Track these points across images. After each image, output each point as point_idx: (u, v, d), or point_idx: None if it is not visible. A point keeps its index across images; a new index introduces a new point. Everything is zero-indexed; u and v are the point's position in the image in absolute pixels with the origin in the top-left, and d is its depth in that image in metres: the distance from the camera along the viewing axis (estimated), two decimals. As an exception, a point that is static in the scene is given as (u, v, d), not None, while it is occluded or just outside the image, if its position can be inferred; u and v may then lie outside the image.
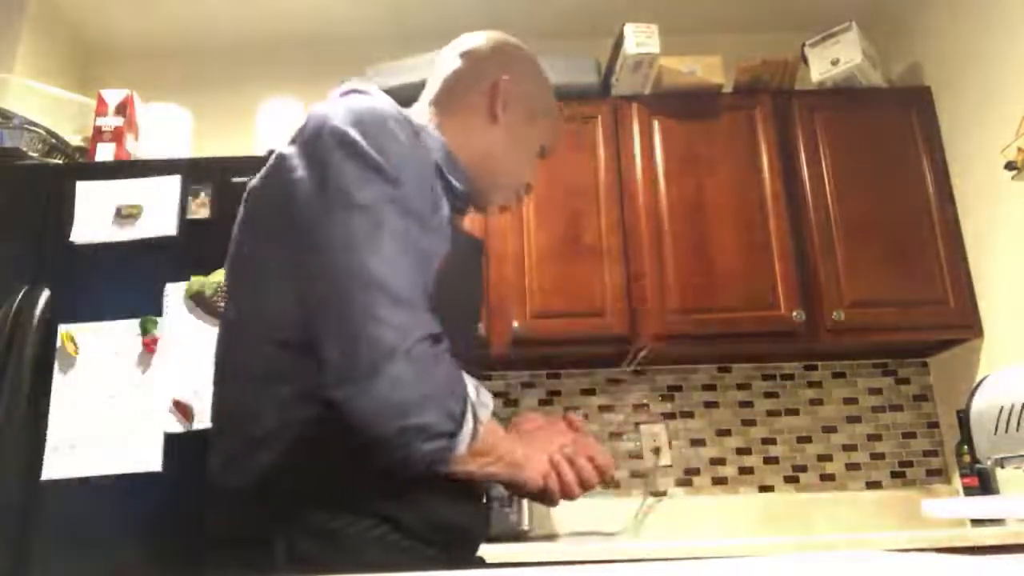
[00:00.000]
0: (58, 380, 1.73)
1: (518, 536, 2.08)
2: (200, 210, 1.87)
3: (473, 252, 1.04)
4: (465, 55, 1.07)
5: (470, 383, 0.83)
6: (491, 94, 1.04)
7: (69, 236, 1.83)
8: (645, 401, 2.50)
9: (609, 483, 1.02)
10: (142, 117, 2.26)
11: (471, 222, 2.18)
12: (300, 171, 0.85)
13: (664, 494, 2.41)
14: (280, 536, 0.79)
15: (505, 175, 1.07)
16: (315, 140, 0.85)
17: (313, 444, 0.81)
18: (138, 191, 1.88)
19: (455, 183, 0.97)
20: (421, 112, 1.04)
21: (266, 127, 2.27)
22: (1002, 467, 1.30)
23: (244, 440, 0.85)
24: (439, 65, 1.08)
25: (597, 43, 2.53)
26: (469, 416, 0.81)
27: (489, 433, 0.85)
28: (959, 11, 2.36)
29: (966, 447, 2.08)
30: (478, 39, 1.09)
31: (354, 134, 0.83)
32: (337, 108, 0.87)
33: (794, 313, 2.20)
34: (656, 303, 2.22)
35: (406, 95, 1.09)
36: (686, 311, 2.22)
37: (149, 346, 1.75)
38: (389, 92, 0.98)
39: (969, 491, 2.13)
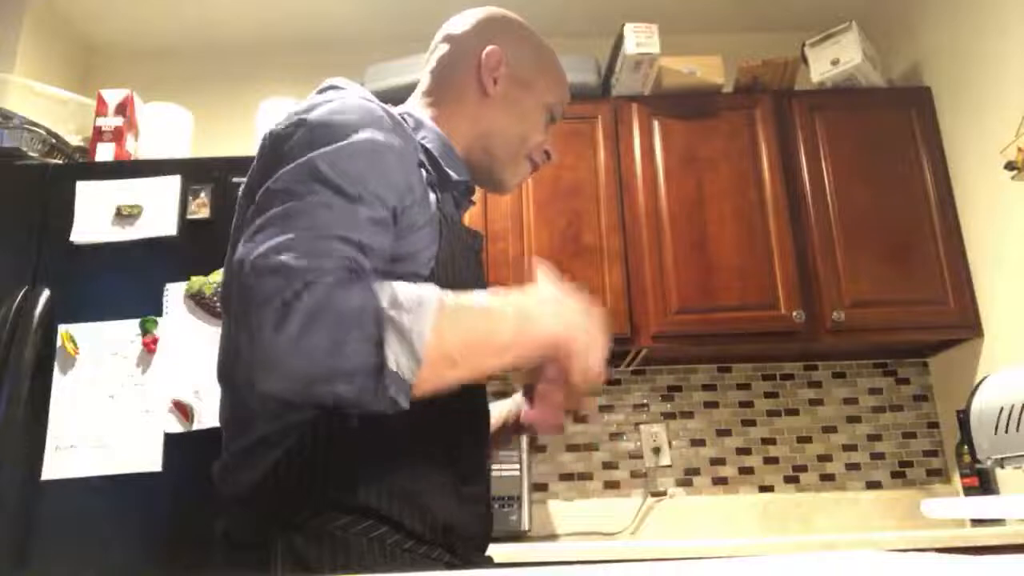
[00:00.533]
0: (58, 380, 1.73)
1: (518, 536, 2.08)
2: (200, 210, 1.87)
3: (473, 245, 1.02)
4: (448, 38, 1.05)
5: (384, 293, 0.70)
6: (478, 69, 1.00)
7: (69, 236, 1.83)
8: (645, 401, 2.50)
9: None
10: (142, 117, 2.26)
11: (471, 220, 2.17)
12: (264, 163, 0.84)
13: (664, 494, 2.41)
14: (280, 538, 0.79)
15: (511, 148, 1.03)
16: (282, 136, 0.83)
17: (310, 446, 0.80)
18: (138, 191, 1.88)
19: (452, 174, 0.94)
20: (415, 106, 1.03)
21: (266, 127, 2.27)
22: (1002, 467, 1.30)
23: (244, 443, 0.85)
24: (429, 56, 1.07)
25: (597, 43, 2.53)
26: (391, 336, 0.68)
27: (451, 329, 0.72)
28: (959, 11, 2.36)
29: (966, 447, 2.08)
30: (459, 20, 1.06)
31: (321, 130, 0.80)
32: (312, 103, 0.85)
33: (794, 313, 2.20)
34: (656, 303, 2.22)
35: (406, 95, 1.08)
36: (686, 311, 2.22)
37: (149, 346, 1.75)
38: (389, 92, 0.97)
39: (969, 491, 2.13)
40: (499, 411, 1.15)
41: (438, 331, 0.70)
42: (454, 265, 0.90)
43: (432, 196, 0.89)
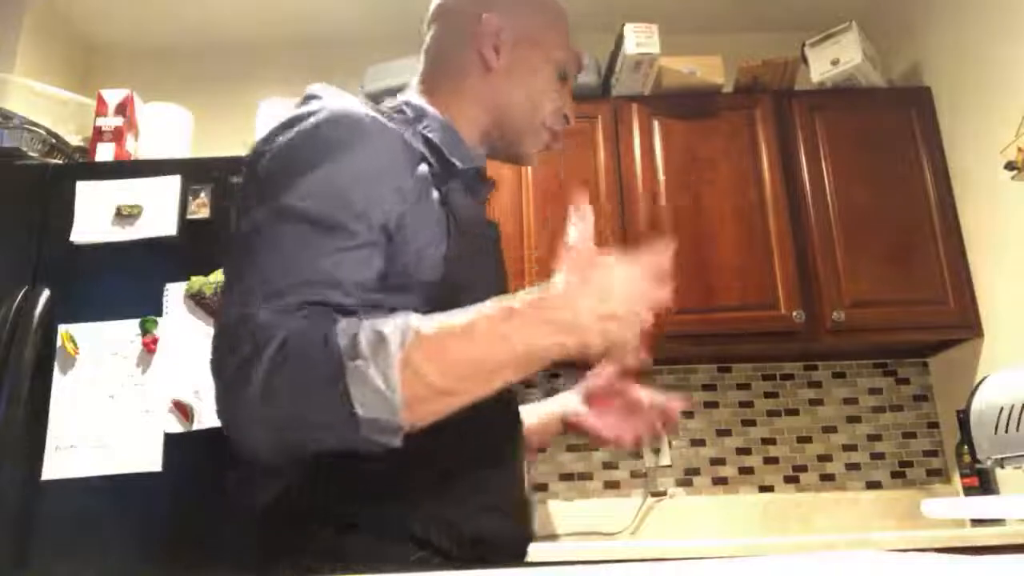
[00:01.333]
0: (58, 380, 1.73)
1: (518, 536, 2.08)
2: (200, 210, 1.86)
3: (488, 235, 0.96)
4: (440, 12, 0.99)
5: (344, 339, 0.67)
6: (476, 41, 0.94)
7: (69, 236, 1.83)
8: (645, 401, 2.50)
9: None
10: (142, 117, 2.26)
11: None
12: (245, 184, 0.82)
13: (664, 494, 2.41)
14: (294, 556, 0.76)
15: (525, 119, 0.96)
16: (262, 155, 0.80)
17: (333, 462, 0.75)
18: (138, 191, 1.88)
19: (457, 163, 0.89)
20: (414, 93, 0.96)
21: (266, 127, 2.27)
22: (1002, 467, 1.30)
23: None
24: (423, 35, 1.00)
25: (597, 43, 2.53)
26: (354, 387, 0.66)
27: (429, 362, 0.68)
28: (959, 11, 2.36)
29: (966, 447, 2.08)
30: None
31: (297, 153, 0.78)
32: (292, 118, 0.82)
33: (794, 313, 2.20)
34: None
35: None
36: (686, 311, 2.22)
37: (149, 346, 1.75)
38: (389, 92, 0.96)
39: (969, 491, 2.13)
40: (543, 411, 1.10)
41: (411, 368, 0.67)
42: (465, 263, 0.85)
43: (435, 193, 0.85)
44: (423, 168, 0.85)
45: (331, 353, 0.66)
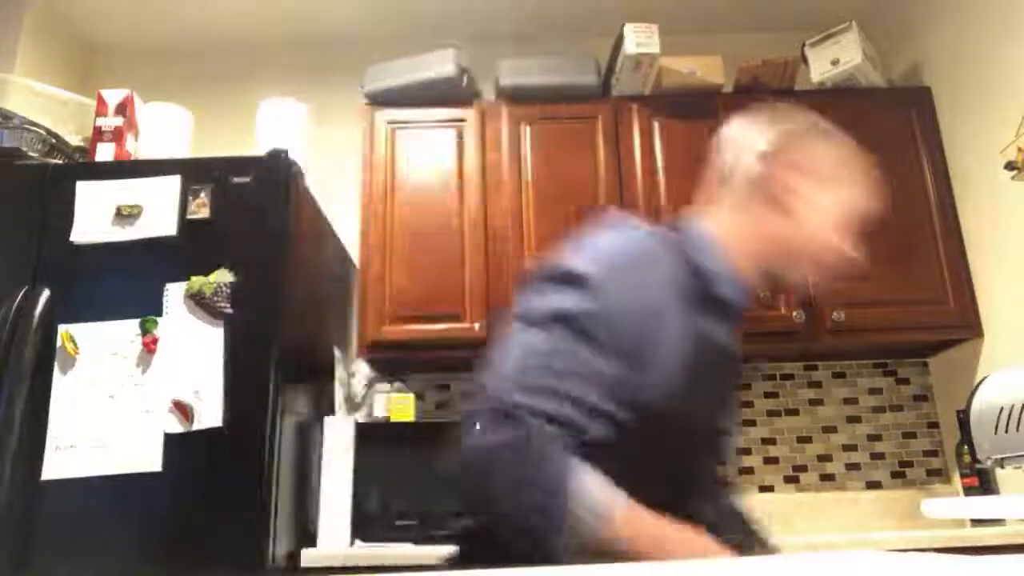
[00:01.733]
0: (58, 380, 1.73)
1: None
2: (200, 210, 1.86)
3: (725, 364, 1.01)
4: (740, 149, 1.06)
5: (579, 482, 0.80)
6: (766, 181, 1.01)
7: (69, 236, 1.83)
8: (645, 401, 2.50)
9: None
10: (142, 117, 2.26)
11: (471, 218, 2.15)
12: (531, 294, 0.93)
13: (664, 494, 2.41)
14: None
15: (804, 255, 1.02)
16: (558, 272, 0.91)
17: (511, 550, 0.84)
18: (138, 191, 1.88)
19: (725, 296, 0.96)
20: (705, 214, 1.05)
21: (266, 127, 2.26)
22: (1002, 467, 1.30)
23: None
24: (718, 161, 1.09)
25: (597, 43, 2.53)
26: (569, 528, 0.78)
27: (614, 541, 0.81)
28: (959, 11, 2.36)
29: (966, 447, 2.08)
30: (751, 131, 1.06)
31: (573, 263, 0.89)
32: (591, 246, 0.92)
33: (794, 313, 2.20)
34: (656, 303, 2.22)
35: (406, 95, 1.08)
36: (686, 311, 2.21)
37: (149, 346, 1.75)
38: (388, 92, 0.96)
39: (969, 491, 2.13)
40: None
41: (610, 539, 0.80)
42: (693, 395, 0.90)
43: (693, 321, 0.90)
44: (687, 294, 0.91)
45: (561, 493, 0.79)
